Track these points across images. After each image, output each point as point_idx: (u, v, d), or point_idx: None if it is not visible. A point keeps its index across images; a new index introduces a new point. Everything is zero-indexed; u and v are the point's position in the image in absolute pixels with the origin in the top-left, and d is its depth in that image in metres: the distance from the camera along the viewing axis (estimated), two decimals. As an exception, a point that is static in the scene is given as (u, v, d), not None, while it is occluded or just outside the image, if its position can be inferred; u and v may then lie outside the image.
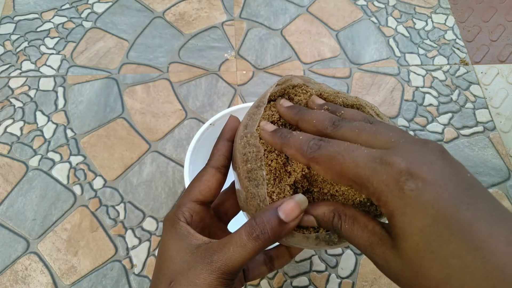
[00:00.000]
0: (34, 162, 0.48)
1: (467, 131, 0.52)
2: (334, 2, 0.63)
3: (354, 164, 0.17)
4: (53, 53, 0.56)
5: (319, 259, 0.43)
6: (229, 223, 0.28)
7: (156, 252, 0.43)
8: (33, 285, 0.41)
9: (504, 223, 0.15)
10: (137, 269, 0.42)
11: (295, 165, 0.22)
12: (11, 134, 0.50)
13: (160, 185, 0.47)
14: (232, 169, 0.25)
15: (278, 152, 0.22)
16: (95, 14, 0.60)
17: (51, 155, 0.48)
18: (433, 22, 0.61)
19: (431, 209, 0.15)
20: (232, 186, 0.27)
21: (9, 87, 0.53)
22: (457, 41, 0.60)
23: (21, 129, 0.50)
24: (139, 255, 0.43)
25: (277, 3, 0.62)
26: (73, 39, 0.58)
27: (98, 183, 0.47)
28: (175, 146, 0.50)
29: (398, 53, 0.58)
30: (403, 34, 0.60)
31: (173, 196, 0.46)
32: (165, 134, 0.50)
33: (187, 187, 0.26)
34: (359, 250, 0.19)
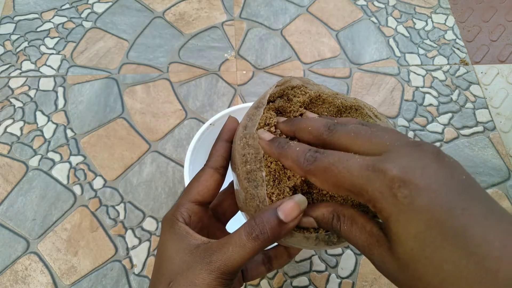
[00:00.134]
0: (34, 162, 0.48)
1: (467, 131, 0.52)
2: (334, 2, 0.63)
3: (348, 173, 0.17)
4: (53, 53, 0.56)
5: (319, 259, 0.43)
6: (227, 223, 0.28)
7: (156, 252, 0.43)
8: (33, 285, 0.41)
9: (499, 226, 0.15)
10: (137, 269, 0.42)
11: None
12: (11, 134, 0.50)
13: (160, 185, 0.47)
14: (231, 170, 0.25)
15: None
16: (95, 14, 0.60)
17: (51, 155, 0.48)
18: (433, 22, 0.61)
19: (424, 215, 0.15)
20: (230, 186, 0.27)
21: (9, 87, 0.53)
22: (457, 41, 0.60)
23: (21, 129, 0.50)
24: (139, 255, 0.43)
25: (277, 3, 0.62)
26: (73, 39, 0.58)
27: (98, 183, 0.47)
28: (175, 146, 0.50)
29: (398, 53, 0.58)
30: (403, 34, 0.60)
31: (173, 196, 0.46)
32: (165, 134, 0.50)
33: (185, 187, 0.26)
34: (358, 250, 0.19)
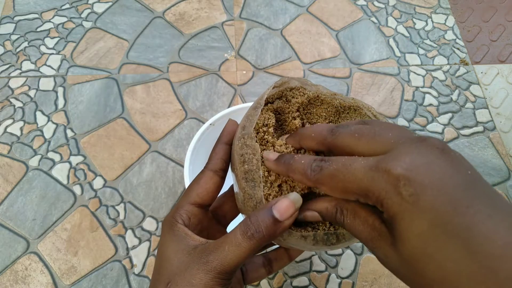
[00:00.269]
0: (34, 162, 0.48)
1: (467, 131, 0.52)
2: (334, 2, 0.63)
3: (353, 177, 0.17)
4: (53, 53, 0.56)
5: (319, 259, 0.43)
6: (228, 226, 0.28)
7: (156, 252, 0.43)
8: (33, 285, 0.41)
9: (502, 224, 0.15)
10: (137, 269, 0.42)
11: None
12: (11, 134, 0.50)
13: (160, 185, 0.47)
14: (231, 171, 0.25)
15: None
16: (95, 14, 0.60)
17: (51, 155, 0.48)
18: (433, 22, 0.61)
19: (428, 213, 0.15)
20: (231, 189, 0.27)
21: (9, 87, 0.53)
22: (457, 41, 0.60)
23: (21, 129, 0.50)
24: (139, 255, 0.43)
25: (277, 3, 0.62)
26: (73, 39, 0.58)
27: (98, 183, 0.47)
28: (175, 146, 0.50)
29: (398, 53, 0.58)
30: (403, 34, 0.60)
31: (173, 196, 0.47)
32: (165, 134, 0.50)
33: (185, 189, 0.26)
34: (362, 243, 0.19)
